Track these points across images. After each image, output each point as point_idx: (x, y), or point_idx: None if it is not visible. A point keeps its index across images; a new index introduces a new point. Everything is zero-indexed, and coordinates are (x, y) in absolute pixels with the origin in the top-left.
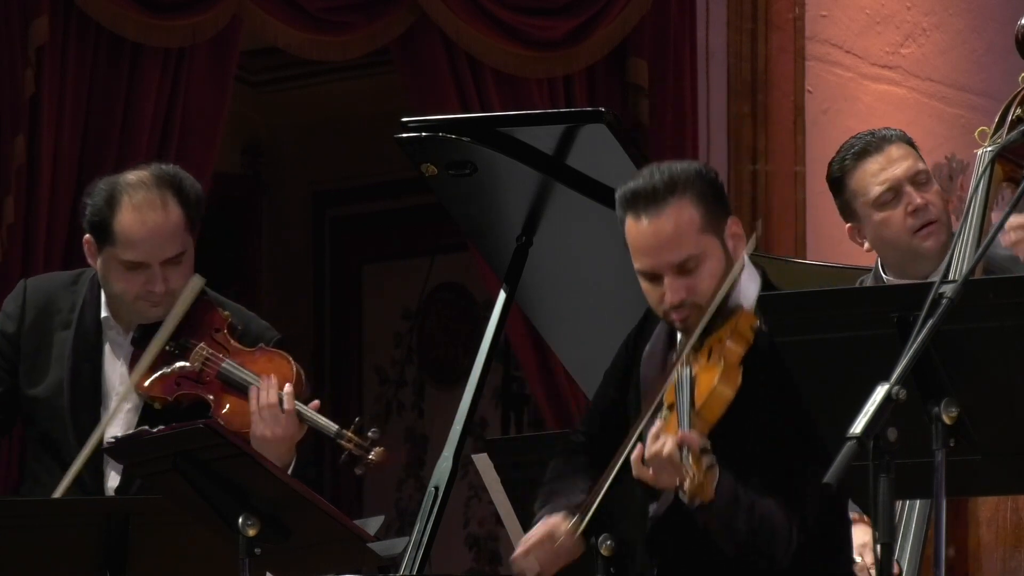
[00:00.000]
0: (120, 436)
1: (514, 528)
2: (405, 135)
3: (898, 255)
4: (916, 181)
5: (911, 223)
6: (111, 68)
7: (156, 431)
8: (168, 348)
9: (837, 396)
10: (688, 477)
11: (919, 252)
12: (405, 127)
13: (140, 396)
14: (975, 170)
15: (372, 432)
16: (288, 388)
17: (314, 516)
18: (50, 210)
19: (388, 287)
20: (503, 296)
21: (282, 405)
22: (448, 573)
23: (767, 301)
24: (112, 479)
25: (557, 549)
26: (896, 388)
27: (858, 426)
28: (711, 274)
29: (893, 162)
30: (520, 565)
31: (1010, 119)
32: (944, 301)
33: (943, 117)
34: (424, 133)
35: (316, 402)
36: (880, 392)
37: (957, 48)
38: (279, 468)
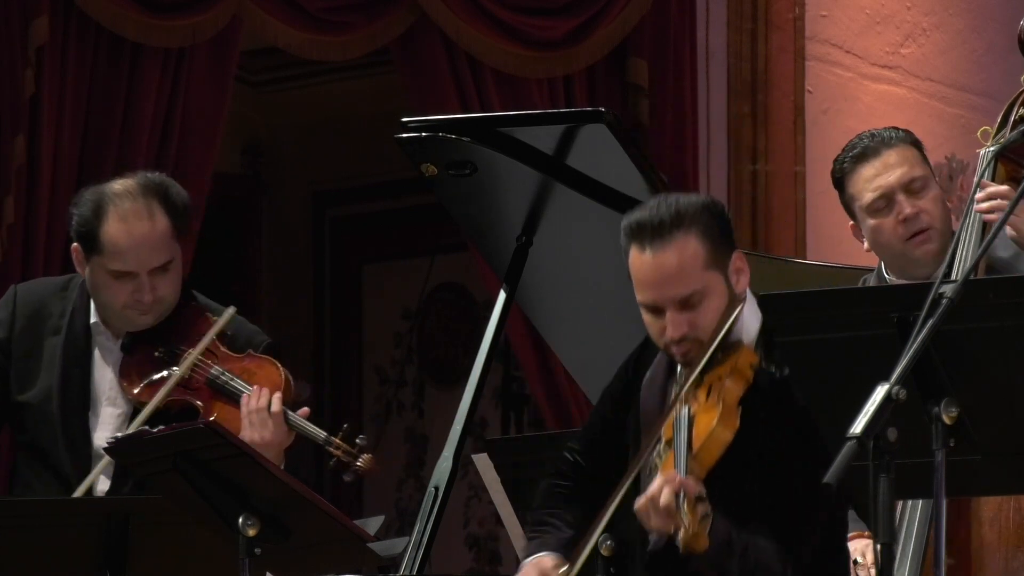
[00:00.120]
0: (120, 436)
1: (514, 528)
2: (405, 135)
3: (894, 259)
4: (910, 189)
5: (902, 232)
6: (111, 68)
7: (156, 431)
8: (158, 355)
9: (837, 396)
10: (683, 527)
11: (912, 259)
12: (405, 127)
13: (130, 402)
14: (977, 170)
15: (360, 439)
16: (277, 394)
17: (314, 516)
18: (50, 210)
19: (388, 287)
20: (503, 296)
21: (270, 409)
22: (448, 573)
23: (767, 301)
24: (102, 483)
25: None
26: (896, 388)
27: (858, 426)
28: (714, 309)
29: (888, 168)
30: None
31: (1012, 119)
32: (944, 301)
33: (943, 117)
34: (424, 133)
35: (305, 409)
36: (880, 392)
37: (957, 48)
38: (279, 468)
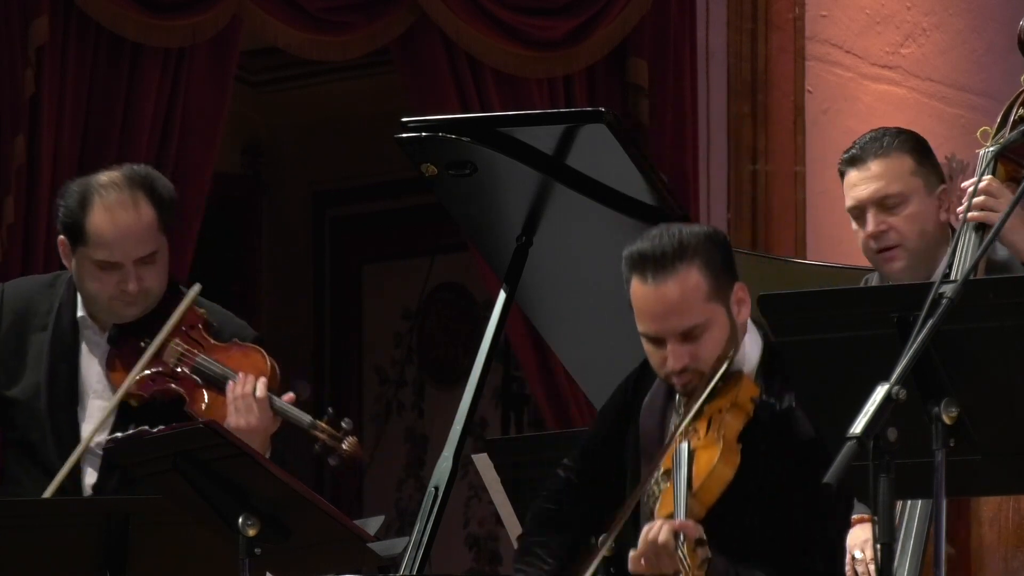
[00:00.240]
0: (120, 436)
1: (514, 528)
2: (405, 135)
3: (874, 266)
4: (883, 204)
5: (872, 245)
6: (111, 68)
7: (156, 431)
8: (143, 345)
9: (837, 396)
10: (683, 571)
11: (883, 271)
12: (405, 127)
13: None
14: (977, 170)
15: (345, 423)
16: (262, 380)
17: (314, 516)
18: (50, 210)
19: (388, 287)
20: (503, 296)
21: (255, 395)
22: (448, 573)
23: (767, 301)
24: (89, 475)
25: None
26: (896, 388)
27: (858, 426)
28: (715, 341)
29: (865, 180)
30: None
31: (1012, 119)
32: (944, 301)
33: (943, 117)
34: (424, 133)
35: (291, 394)
36: (880, 392)
37: (957, 48)
38: (279, 468)
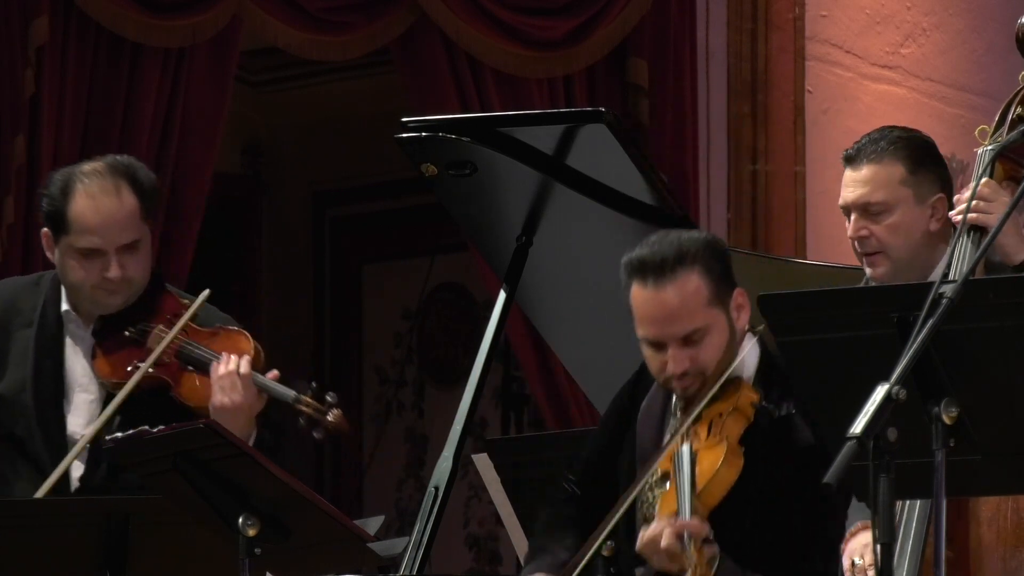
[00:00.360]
0: (120, 436)
1: (514, 528)
2: (405, 135)
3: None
4: (866, 211)
5: (856, 246)
6: (111, 68)
7: (156, 431)
8: (128, 334)
9: (837, 396)
10: (690, 569)
11: (868, 273)
12: (405, 127)
13: (103, 386)
14: (975, 169)
15: (330, 396)
16: (246, 357)
17: (314, 516)
18: None
19: (388, 287)
20: (503, 296)
21: (239, 372)
22: (448, 573)
23: (767, 301)
24: (76, 468)
25: None
26: (896, 388)
27: (858, 426)
28: (715, 346)
29: (853, 183)
30: None
31: (1010, 118)
32: (944, 301)
33: (943, 117)
34: (424, 133)
35: (275, 372)
36: (880, 392)
37: (957, 48)
38: (279, 468)
